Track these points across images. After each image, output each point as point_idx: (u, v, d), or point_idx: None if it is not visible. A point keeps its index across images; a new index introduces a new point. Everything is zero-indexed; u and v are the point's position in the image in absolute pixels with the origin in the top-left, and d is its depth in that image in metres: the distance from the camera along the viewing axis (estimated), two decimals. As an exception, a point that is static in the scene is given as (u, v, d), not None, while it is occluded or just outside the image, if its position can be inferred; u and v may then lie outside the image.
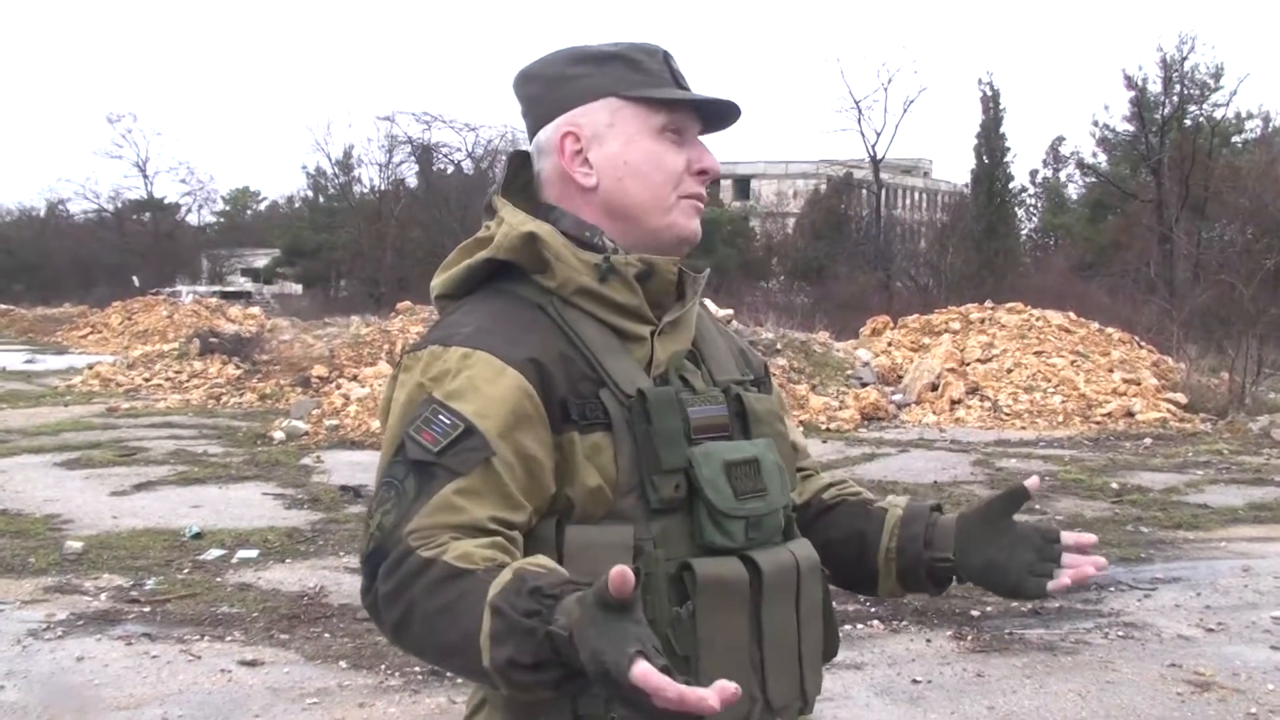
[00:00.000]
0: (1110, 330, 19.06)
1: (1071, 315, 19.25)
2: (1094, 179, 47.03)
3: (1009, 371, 16.79)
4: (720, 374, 1.64)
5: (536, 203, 1.63)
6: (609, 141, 1.59)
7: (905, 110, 58.04)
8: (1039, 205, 53.74)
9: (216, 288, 50.65)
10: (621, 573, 1.15)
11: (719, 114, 1.65)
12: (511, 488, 1.43)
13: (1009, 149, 44.33)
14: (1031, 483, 1.63)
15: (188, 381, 19.54)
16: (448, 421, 1.44)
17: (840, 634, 1.71)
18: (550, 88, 1.63)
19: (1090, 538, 1.64)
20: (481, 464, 1.42)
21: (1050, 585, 1.60)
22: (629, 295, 1.56)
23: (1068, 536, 1.64)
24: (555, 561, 1.40)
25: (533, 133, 1.65)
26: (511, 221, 1.58)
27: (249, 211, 77.32)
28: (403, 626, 1.37)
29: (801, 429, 1.79)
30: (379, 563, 1.39)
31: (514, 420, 1.45)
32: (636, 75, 1.60)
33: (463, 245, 1.65)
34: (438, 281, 1.66)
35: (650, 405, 1.50)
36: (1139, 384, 16.23)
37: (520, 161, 1.67)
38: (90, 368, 21.53)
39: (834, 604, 1.69)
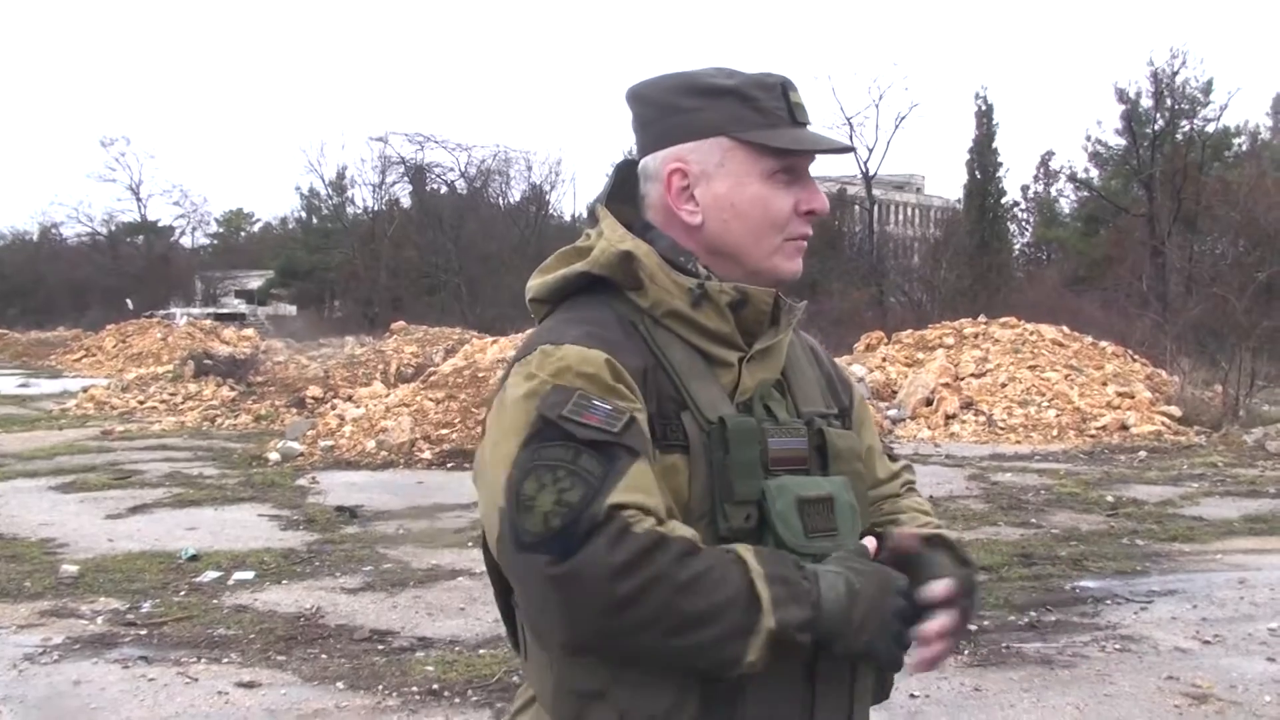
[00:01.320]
0: (1104, 344, 19.13)
1: (1065, 329, 19.33)
2: (1086, 193, 47.18)
3: (1003, 386, 16.83)
4: (806, 404, 1.64)
5: (638, 214, 1.64)
6: (717, 182, 1.57)
7: (897, 126, 57.89)
8: (1031, 220, 53.86)
9: (210, 310, 50.80)
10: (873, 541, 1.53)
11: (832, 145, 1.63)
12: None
13: (1001, 164, 44.47)
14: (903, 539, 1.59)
15: (182, 404, 19.53)
16: (609, 408, 1.43)
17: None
18: (662, 115, 1.60)
19: (944, 587, 1.53)
20: (645, 452, 1.44)
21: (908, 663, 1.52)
22: (720, 322, 1.56)
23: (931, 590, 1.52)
24: None
25: (641, 152, 1.64)
26: (610, 237, 1.58)
27: (243, 233, 77.38)
28: (637, 599, 1.35)
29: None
30: (577, 537, 1.36)
31: (644, 416, 1.47)
32: (751, 114, 1.57)
33: (562, 252, 1.65)
34: (534, 284, 1.66)
35: (730, 434, 1.50)
36: (1133, 397, 16.26)
37: (627, 170, 1.66)
38: (85, 391, 21.51)
39: None
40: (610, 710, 1.46)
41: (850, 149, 1.63)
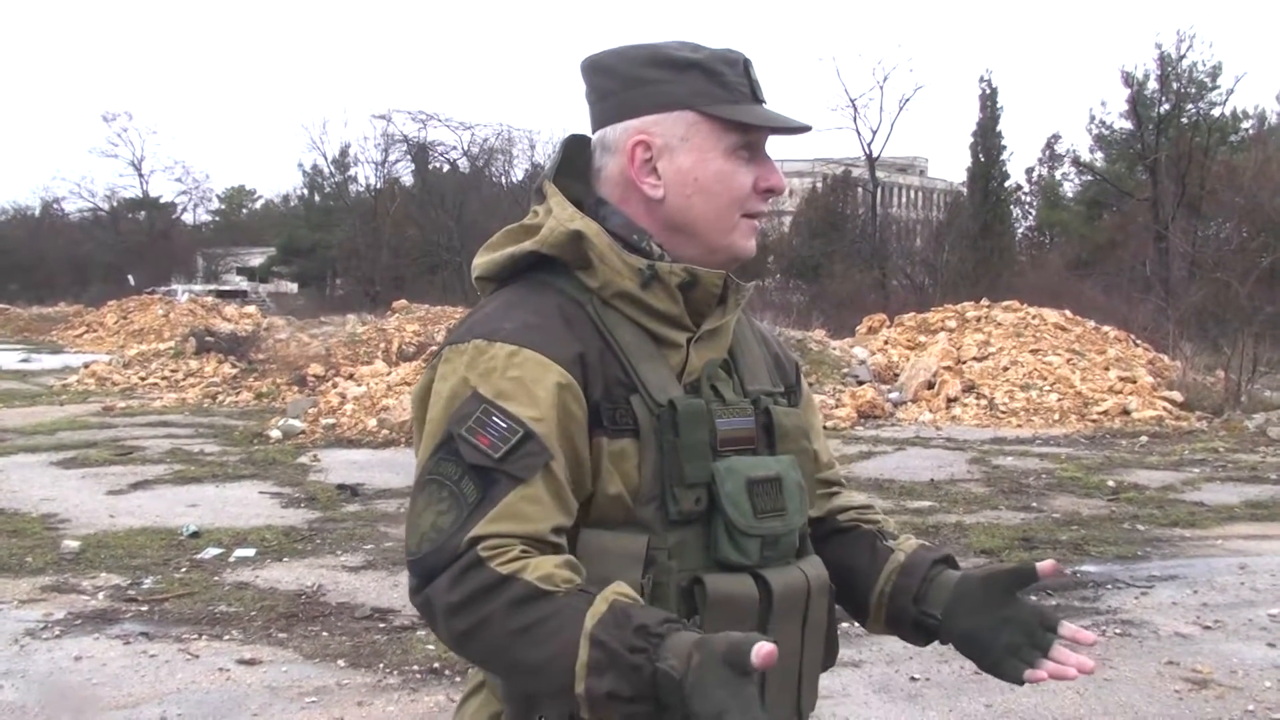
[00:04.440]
0: (1106, 328, 19.10)
1: (1067, 313, 19.28)
2: (1090, 177, 47.06)
3: (1005, 369, 16.81)
4: (752, 383, 1.63)
5: (589, 189, 1.61)
6: (680, 156, 1.55)
7: (901, 108, 57.89)
8: (1035, 203, 53.75)
9: (212, 286, 50.68)
10: (771, 652, 1.23)
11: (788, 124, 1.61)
12: (566, 490, 1.44)
13: (1005, 147, 44.31)
14: (1044, 566, 1.57)
15: (184, 380, 19.54)
16: (504, 425, 1.42)
17: (839, 633, 1.70)
18: (625, 86, 1.57)
19: (1089, 636, 1.57)
20: (542, 469, 1.42)
21: (1026, 674, 1.54)
22: (669, 304, 1.54)
23: (1067, 629, 1.57)
24: None
25: (597, 124, 1.61)
26: (560, 216, 1.55)
27: (245, 210, 77.23)
28: (470, 638, 1.37)
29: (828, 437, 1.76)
30: (437, 567, 1.38)
31: (564, 420, 1.45)
32: (716, 88, 1.55)
33: (509, 229, 1.62)
34: (480, 262, 1.63)
35: (679, 417, 1.49)
36: (1135, 382, 16.24)
37: (576, 145, 1.63)
38: (86, 367, 21.51)
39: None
40: (562, 706, 1.43)
41: (809, 128, 1.60)
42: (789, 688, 1.57)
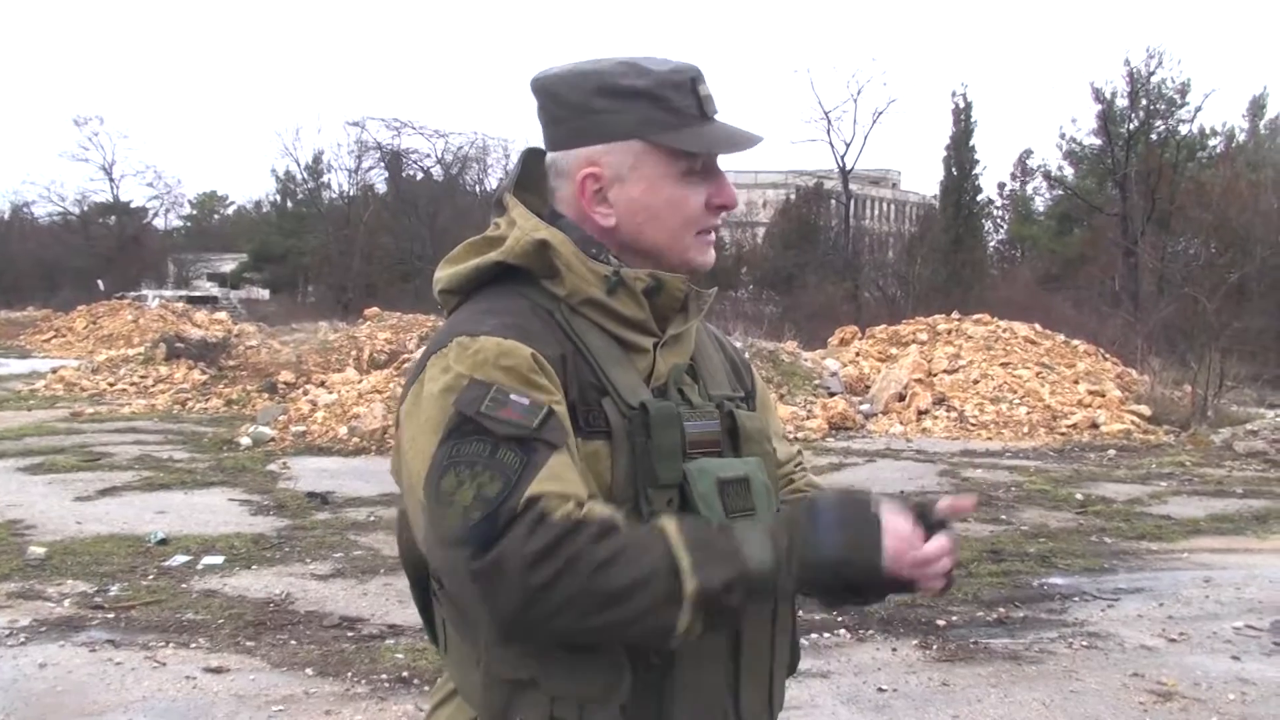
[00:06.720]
0: (1076, 342, 19.24)
1: (1037, 327, 19.42)
2: (1061, 192, 47.44)
3: (975, 382, 16.91)
4: (714, 388, 1.66)
5: (545, 202, 1.63)
6: (630, 185, 1.57)
7: (874, 122, 58.29)
8: (1006, 218, 54.12)
9: (183, 292, 50.44)
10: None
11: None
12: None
13: (978, 161, 44.63)
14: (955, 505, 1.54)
15: (153, 386, 19.40)
16: (527, 402, 1.43)
17: (805, 643, 1.72)
18: (573, 114, 1.58)
19: (968, 502, 1.56)
20: (564, 444, 1.44)
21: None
22: (636, 309, 1.57)
23: (943, 505, 1.53)
24: None
25: (549, 146, 1.63)
26: (524, 226, 1.57)
27: (216, 216, 76.90)
28: (554, 584, 1.34)
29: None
30: (497, 528, 1.36)
31: (564, 407, 1.47)
32: (664, 115, 1.56)
33: (470, 242, 1.64)
34: (443, 275, 1.64)
35: (651, 419, 1.51)
36: (1103, 396, 16.37)
37: (534, 157, 1.65)
38: (54, 372, 21.34)
39: (799, 613, 1.71)
40: (542, 697, 1.46)
41: (759, 140, 1.62)
42: (762, 687, 1.61)
